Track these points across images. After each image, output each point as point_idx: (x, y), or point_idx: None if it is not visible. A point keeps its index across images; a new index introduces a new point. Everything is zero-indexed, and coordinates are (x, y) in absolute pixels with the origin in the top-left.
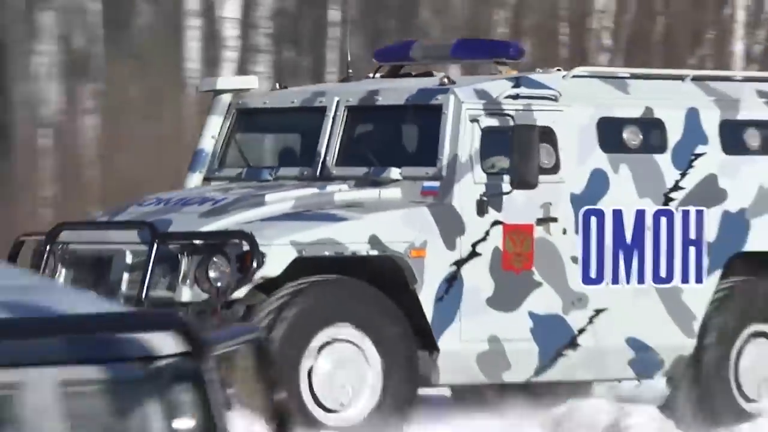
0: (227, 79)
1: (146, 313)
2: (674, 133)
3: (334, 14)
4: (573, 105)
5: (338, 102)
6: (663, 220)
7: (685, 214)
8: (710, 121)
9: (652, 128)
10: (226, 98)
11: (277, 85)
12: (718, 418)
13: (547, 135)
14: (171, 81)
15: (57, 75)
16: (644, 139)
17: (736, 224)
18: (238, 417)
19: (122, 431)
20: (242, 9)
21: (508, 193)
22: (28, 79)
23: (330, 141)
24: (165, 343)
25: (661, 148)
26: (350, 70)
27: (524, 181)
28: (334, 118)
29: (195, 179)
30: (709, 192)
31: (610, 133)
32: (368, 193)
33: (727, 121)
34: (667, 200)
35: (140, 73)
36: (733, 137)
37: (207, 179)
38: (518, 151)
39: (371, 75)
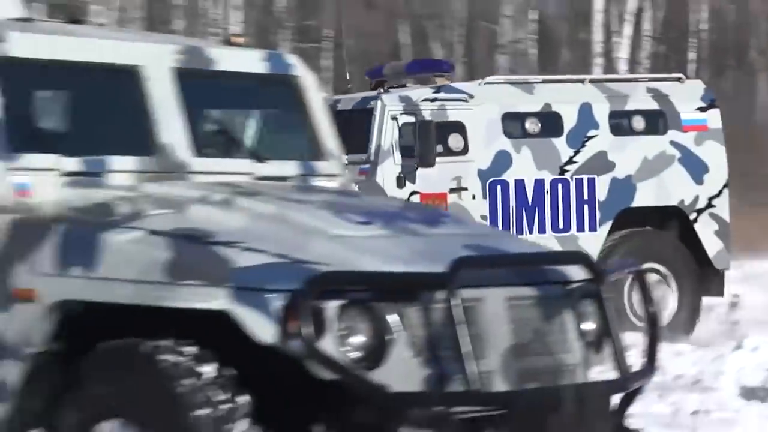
0: None
1: (565, 252)
2: (569, 122)
3: (692, 55)
4: (483, 104)
5: None
6: (559, 186)
7: (579, 181)
8: (601, 112)
9: (550, 119)
10: None
11: None
12: None
13: (459, 127)
14: None
15: None
16: (543, 127)
17: (623, 187)
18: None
19: (548, 331)
20: (630, 52)
21: (415, 170)
22: None
23: None
24: (577, 272)
25: (558, 133)
26: (349, 86)
27: (424, 161)
28: None
29: None
30: (600, 164)
31: (513, 124)
32: None
33: (616, 111)
34: (563, 171)
35: None
36: (620, 123)
37: None
38: (420, 139)
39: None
